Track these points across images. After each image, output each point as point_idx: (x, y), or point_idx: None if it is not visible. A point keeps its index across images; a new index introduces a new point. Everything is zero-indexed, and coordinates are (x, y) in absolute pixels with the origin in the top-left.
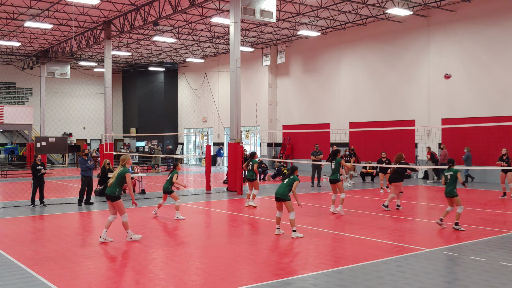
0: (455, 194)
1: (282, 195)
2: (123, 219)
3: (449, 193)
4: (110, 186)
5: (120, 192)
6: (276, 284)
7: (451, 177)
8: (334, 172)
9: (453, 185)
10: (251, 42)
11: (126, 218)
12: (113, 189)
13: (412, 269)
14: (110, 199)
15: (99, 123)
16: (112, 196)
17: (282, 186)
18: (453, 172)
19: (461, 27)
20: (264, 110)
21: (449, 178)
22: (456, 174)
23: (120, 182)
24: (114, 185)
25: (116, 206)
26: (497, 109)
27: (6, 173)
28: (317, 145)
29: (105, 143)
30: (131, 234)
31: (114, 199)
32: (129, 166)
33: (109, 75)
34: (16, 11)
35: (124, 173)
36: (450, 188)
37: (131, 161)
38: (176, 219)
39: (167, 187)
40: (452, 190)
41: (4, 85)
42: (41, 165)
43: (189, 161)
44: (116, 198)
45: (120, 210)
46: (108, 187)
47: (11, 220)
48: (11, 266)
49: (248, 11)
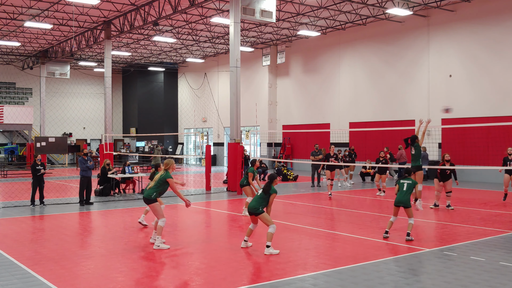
0: (409, 205)
1: (255, 209)
2: (160, 223)
3: (403, 202)
4: (149, 189)
5: (156, 196)
6: (276, 284)
7: (407, 186)
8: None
9: (408, 195)
10: (251, 42)
11: (163, 222)
12: (150, 192)
13: (412, 269)
14: (147, 202)
15: (99, 123)
16: (148, 199)
17: (257, 198)
18: (411, 182)
19: (461, 27)
20: (264, 110)
21: (406, 188)
22: (414, 185)
23: (159, 186)
24: (152, 188)
25: (152, 209)
26: (497, 109)
27: (6, 173)
28: (317, 145)
29: (105, 143)
30: (160, 241)
31: (150, 201)
32: (172, 171)
33: (109, 75)
34: (16, 11)
35: (165, 178)
36: (406, 198)
37: (175, 166)
38: (139, 222)
39: None
40: (408, 200)
41: (4, 85)
42: (41, 165)
43: (189, 161)
44: (152, 201)
45: (157, 214)
46: (146, 190)
47: (11, 220)
48: (11, 266)
49: (248, 11)
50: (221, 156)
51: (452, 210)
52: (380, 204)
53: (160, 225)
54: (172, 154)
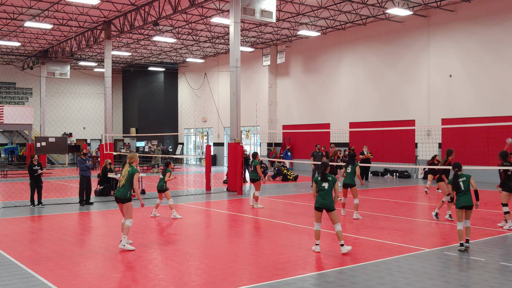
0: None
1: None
2: (127, 223)
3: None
4: (122, 187)
5: (131, 194)
6: (276, 284)
7: (351, 170)
8: (350, 176)
9: (353, 177)
10: (251, 42)
11: (131, 223)
12: (124, 191)
13: (412, 269)
14: (121, 202)
15: (99, 123)
16: (123, 199)
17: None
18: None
19: (461, 27)
20: (264, 110)
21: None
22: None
23: (132, 183)
24: (125, 186)
25: (125, 208)
26: (497, 109)
27: (6, 173)
28: (318, 145)
29: (105, 143)
30: (126, 241)
31: (125, 201)
32: (136, 164)
33: (109, 75)
34: (16, 11)
35: (133, 173)
36: (352, 179)
37: (138, 159)
38: (173, 217)
39: (162, 185)
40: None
41: (4, 85)
42: (38, 165)
43: (189, 161)
44: (127, 200)
45: (128, 214)
46: (120, 188)
47: (11, 220)
48: (11, 266)
49: (248, 11)
50: (221, 156)
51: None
52: (380, 204)
53: (128, 225)
54: (172, 154)
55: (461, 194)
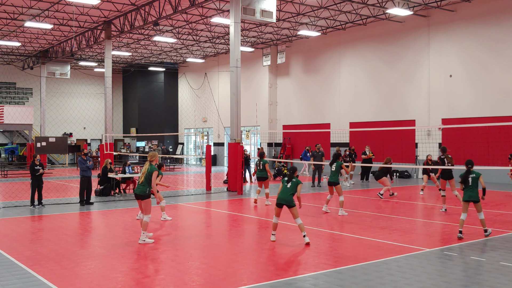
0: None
1: (287, 201)
2: (145, 218)
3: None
4: (141, 184)
5: (150, 191)
6: (276, 284)
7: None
8: (334, 175)
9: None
10: (251, 42)
11: (149, 219)
12: (143, 188)
13: (412, 269)
14: (140, 198)
15: (99, 123)
16: (142, 195)
17: (286, 190)
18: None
19: (461, 27)
20: (264, 110)
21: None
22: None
23: (150, 180)
24: (144, 183)
25: (144, 205)
26: (497, 109)
27: (6, 173)
28: (319, 145)
29: (105, 143)
30: (145, 236)
31: (144, 197)
32: (156, 163)
33: (109, 75)
34: (16, 11)
35: (152, 172)
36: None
37: (158, 158)
38: (163, 220)
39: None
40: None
41: (4, 85)
42: (40, 165)
43: (189, 161)
44: (146, 197)
45: (147, 210)
46: (139, 185)
47: (11, 220)
48: (11, 266)
49: (248, 11)
50: (221, 156)
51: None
52: (380, 204)
53: (146, 221)
54: (172, 154)
55: (468, 189)
